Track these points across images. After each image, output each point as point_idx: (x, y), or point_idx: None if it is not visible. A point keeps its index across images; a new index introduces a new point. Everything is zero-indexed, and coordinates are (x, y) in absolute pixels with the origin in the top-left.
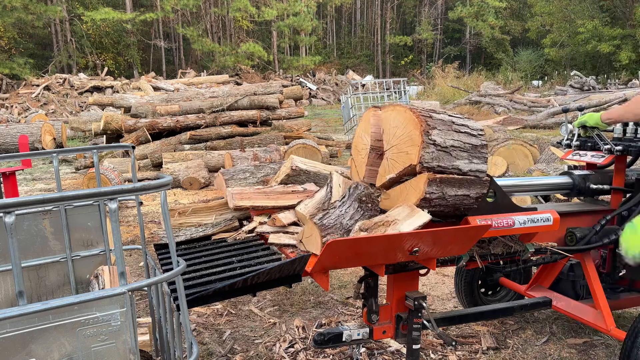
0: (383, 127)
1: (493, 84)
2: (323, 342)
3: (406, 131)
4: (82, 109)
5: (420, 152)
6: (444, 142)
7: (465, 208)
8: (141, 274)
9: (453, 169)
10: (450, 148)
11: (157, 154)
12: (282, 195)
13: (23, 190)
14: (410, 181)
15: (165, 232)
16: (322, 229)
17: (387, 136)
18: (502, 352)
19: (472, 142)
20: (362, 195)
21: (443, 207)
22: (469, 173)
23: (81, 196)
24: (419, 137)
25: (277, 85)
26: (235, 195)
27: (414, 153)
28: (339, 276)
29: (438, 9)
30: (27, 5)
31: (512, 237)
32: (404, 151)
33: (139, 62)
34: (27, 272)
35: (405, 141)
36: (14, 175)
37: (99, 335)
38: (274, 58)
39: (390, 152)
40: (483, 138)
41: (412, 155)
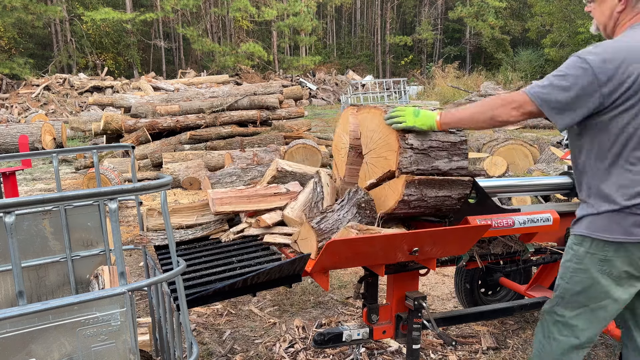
0: (361, 130)
1: (493, 84)
2: (323, 342)
3: (383, 135)
4: (82, 109)
5: (398, 157)
6: (422, 145)
7: (447, 209)
8: (141, 274)
9: (433, 170)
10: (428, 149)
11: (157, 154)
12: (264, 198)
13: (23, 190)
14: (389, 183)
15: (154, 235)
16: (319, 234)
17: (364, 139)
18: (502, 352)
19: (450, 140)
20: (362, 202)
21: (423, 209)
22: (449, 172)
23: (81, 196)
24: (396, 142)
25: (277, 85)
26: (215, 200)
27: (392, 159)
28: (339, 276)
29: (438, 9)
30: (27, 5)
31: (512, 237)
32: (383, 156)
33: (139, 62)
34: (27, 272)
35: (382, 146)
36: (14, 175)
37: (99, 335)
38: (274, 58)
39: (369, 156)
40: (462, 134)
41: (391, 160)
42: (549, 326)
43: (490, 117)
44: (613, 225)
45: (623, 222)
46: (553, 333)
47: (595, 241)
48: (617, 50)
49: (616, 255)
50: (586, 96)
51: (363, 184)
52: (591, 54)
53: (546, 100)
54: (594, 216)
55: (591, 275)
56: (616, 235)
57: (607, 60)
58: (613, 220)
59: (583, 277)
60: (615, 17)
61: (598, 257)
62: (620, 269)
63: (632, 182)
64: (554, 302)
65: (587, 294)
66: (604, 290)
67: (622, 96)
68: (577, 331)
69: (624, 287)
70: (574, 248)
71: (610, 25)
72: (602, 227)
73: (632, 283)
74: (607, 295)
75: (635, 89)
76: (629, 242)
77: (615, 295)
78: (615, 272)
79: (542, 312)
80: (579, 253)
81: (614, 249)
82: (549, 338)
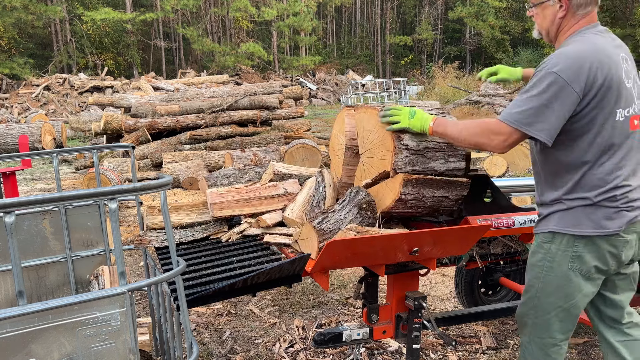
0: (357, 129)
1: (493, 84)
2: (323, 342)
3: (379, 135)
4: (82, 109)
5: (393, 158)
6: (417, 145)
7: (444, 210)
8: (141, 274)
9: (429, 171)
10: (424, 150)
11: (157, 154)
12: (262, 201)
13: (23, 190)
14: (386, 182)
15: (154, 235)
16: (320, 234)
17: (361, 139)
18: (502, 352)
19: (447, 141)
20: (363, 202)
21: (420, 209)
22: (445, 172)
23: (81, 196)
24: (391, 142)
25: (277, 85)
26: (213, 205)
27: (387, 159)
28: (339, 276)
29: (438, 9)
30: (27, 5)
31: (512, 237)
32: (378, 156)
33: (139, 62)
34: (27, 272)
35: (378, 145)
36: (14, 175)
37: (99, 335)
38: (274, 58)
39: (365, 156)
40: None
41: (386, 161)
42: (527, 328)
43: (476, 144)
44: (583, 220)
45: (592, 216)
46: (532, 335)
47: (566, 237)
48: (582, 57)
49: (586, 250)
50: (565, 107)
51: (359, 183)
52: (558, 66)
53: (530, 123)
54: (563, 212)
55: (564, 274)
56: (586, 230)
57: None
58: (583, 215)
59: (557, 274)
60: (558, 22)
61: (569, 253)
62: (590, 265)
63: (601, 180)
64: (529, 304)
65: (560, 293)
66: (576, 288)
67: (591, 101)
68: (552, 331)
69: (592, 281)
70: (545, 247)
71: (553, 31)
72: (572, 223)
73: (599, 276)
74: (579, 292)
75: (603, 92)
76: (598, 236)
77: (585, 291)
78: (585, 268)
79: (520, 315)
80: (550, 251)
81: (584, 243)
82: (529, 341)
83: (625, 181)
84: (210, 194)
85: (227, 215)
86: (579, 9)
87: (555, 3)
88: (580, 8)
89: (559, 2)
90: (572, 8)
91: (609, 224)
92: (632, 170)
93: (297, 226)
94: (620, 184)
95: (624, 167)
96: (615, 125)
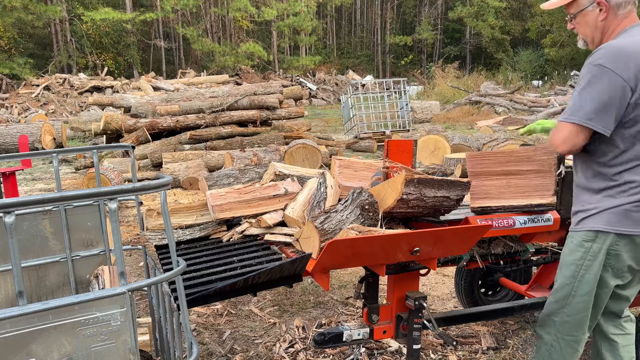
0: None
1: (493, 84)
2: (323, 342)
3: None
4: (82, 109)
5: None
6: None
7: (445, 210)
8: (141, 274)
9: None
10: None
11: (157, 154)
12: (263, 201)
13: (23, 190)
14: (388, 181)
15: (152, 234)
16: (322, 233)
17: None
18: (502, 352)
19: None
20: (366, 203)
21: (422, 209)
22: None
23: (81, 196)
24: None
25: (277, 85)
26: (215, 207)
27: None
28: (339, 276)
29: (438, 9)
30: (27, 5)
31: (513, 237)
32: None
33: (139, 62)
34: (27, 272)
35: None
36: (14, 175)
37: (99, 335)
38: (274, 58)
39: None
40: None
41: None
42: (555, 327)
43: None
44: (628, 219)
45: (635, 215)
46: (562, 333)
47: (611, 235)
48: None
49: (625, 249)
50: (616, 97)
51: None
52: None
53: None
54: (607, 211)
55: (599, 272)
56: (631, 229)
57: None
58: (628, 214)
59: (594, 272)
60: (601, 26)
61: (609, 252)
62: (624, 263)
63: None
64: (561, 303)
65: (594, 290)
66: (605, 283)
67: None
68: (585, 328)
69: (620, 279)
70: (586, 245)
71: (597, 36)
72: (617, 221)
73: (627, 276)
74: (606, 287)
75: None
76: (637, 235)
77: (611, 285)
78: (619, 266)
79: (548, 314)
80: (592, 249)
81: (625, 242)
82: (556, 339)
83: None
84: (211, 195)
85: (229, 217)
86: (619, 9)
87: (594, 8)
88: (620, 8)
89: (598, 6)
90: (612, 9)
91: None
92: None
93: (297, 225)
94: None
95: None
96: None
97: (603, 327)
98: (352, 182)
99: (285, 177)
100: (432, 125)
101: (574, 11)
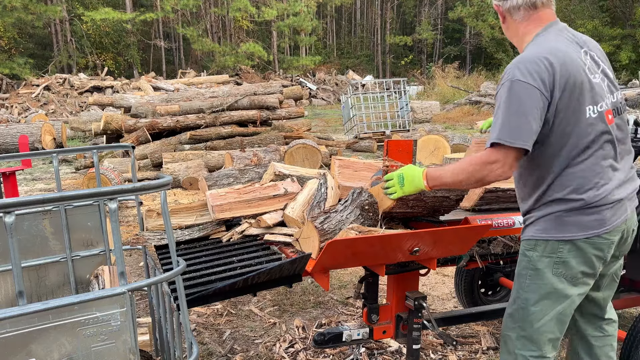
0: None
1: (493, 84)
2: (323, 342)
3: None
4: (82, 109)
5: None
6: None
7: (445, 210)
8: (141, 274)
9: None
10: None
11: (157, 154)
12: (263, 201)
13: (23, 190)
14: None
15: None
16: (322, 233)
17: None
18: None
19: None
20: (365, 204)
21: (421, 209)
22: None
23: (81, 196)
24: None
25: (277, 85)
26: (215, 207)
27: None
28: (339, 276)
29: (438, 9)
30: (27, 5)
31: (512, 237)
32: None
33: (139, 62)
34: (27, 272)
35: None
36: (14, 175)
37: (99, 335)
38: (274, 58)
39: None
40: None
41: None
42: (512, 343)
43: (477, 181)
44: (565, 224)
45: (575, 219)
46: (520, 349)
47: (550, 243)
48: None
49: (570, 255)
50: (536, 110)
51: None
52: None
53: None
54: (544, 218)
55: (548, 280)
56: (569, 234)
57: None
58: (565, 219)
59: (542, 282)
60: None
61: (553, 259)
62: (576, 270)
63: (580, 181)
64: (515, 317)
65: (546, 301)
66: (561, 294)
67: (558, 101)
68: (541, 344)
69: (579, 286)
70: (527, 254)
71: (517, 42)
72: (554, 227)
73: (586, 281)
74: (565, 298)
75: (567, 90)
76: (582, 239)
77: (572, 296)
78: (571, 273)
79: (505, 332)
80: (532, 258)
81: (568, 249)
82: (516, 356)
83: (606, 180)
84: (211, 195)
85: (229, 217)
86: (514, 14)
87: (501, 17)
88: (514, 13)
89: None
90: (508, 16)
91: (593, 226)
92: (613, 168)
93: (297, 226)
94: (601, 183)
95: (603, 165)
96: (588, 122)
97: (582, 328)
98: (352, 182)
99: (285, 177)
100: (432, 125)
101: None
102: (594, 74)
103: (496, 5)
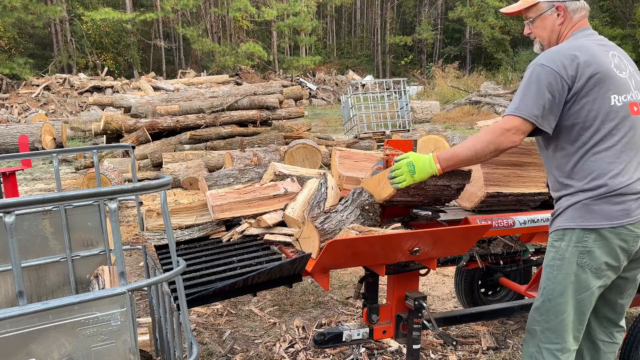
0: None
1: (493, 84)
2: (323, 342)
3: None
4: (82, 109)
5: None
6: None
7: (446, 199)
8: (141, 274)
9: None
10: None
11: (157, 154)
12: (263, 202)
13: (23, 190)
14: (386, 170)
15: (151, 234)
16: (322, 233)
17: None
18: (502, 352)
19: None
20: (366, 204)
21: (422, 197)
22: None
23: (81, 196)
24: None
25: (277, 85)
26: (215, 207)
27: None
28: (339, 276)
29: (438, 9)
30: (27, 5)
31: (512, 237)
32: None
33: (139, 62)
34: (27, 272)
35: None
36: (14, 175)
37: (99, 335)
38: (274, 58)
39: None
40: None
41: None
42: (537, 337)
43: (495, 149)
44: (591, 213)
45: (600, 208)
46: (543, 342)
47: (576, 232)
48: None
49: (596, 245)
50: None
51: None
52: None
53: (536, 114)
54: (571, 207)
55: (574, 271)
56: (594, 222)
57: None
58: (590, 208)
59: (567, 272)
60: (557, 30)
61: (579, 249)
62: (600, 260)
63: (603, 167)
64: (541, 309)
65: (570, 291)
66: (585, 285)
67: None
68: (565, 335)
69: (602, 279)
70: (555, 245)
71: (553, 39)
72: (580, 216)
73: (609, 274)
74: (587, 289)
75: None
76: (607, 229)
77: (593, 288)
78: (595, 264)
79: (530, 325)
80: (560, 248)
81: (593, 238)
82: (539, 350)
83: (630, 169)
84: (211, 195)
85: (229, 217)
86: (575, 14)
87: (553, 12)
88: (576, 13)
89: (557, 10)
90: (569, 15)
91: (618, 216)
92: (637, 159)
93: (297, 225)
94: (625, 171)
95: (627, 154)
96: (612, 109)
97: (594, 332)
98: (353, 172)
99: (285, 177)
100: (432, 125)
101: (532, 15)
102: (621, 71)
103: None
